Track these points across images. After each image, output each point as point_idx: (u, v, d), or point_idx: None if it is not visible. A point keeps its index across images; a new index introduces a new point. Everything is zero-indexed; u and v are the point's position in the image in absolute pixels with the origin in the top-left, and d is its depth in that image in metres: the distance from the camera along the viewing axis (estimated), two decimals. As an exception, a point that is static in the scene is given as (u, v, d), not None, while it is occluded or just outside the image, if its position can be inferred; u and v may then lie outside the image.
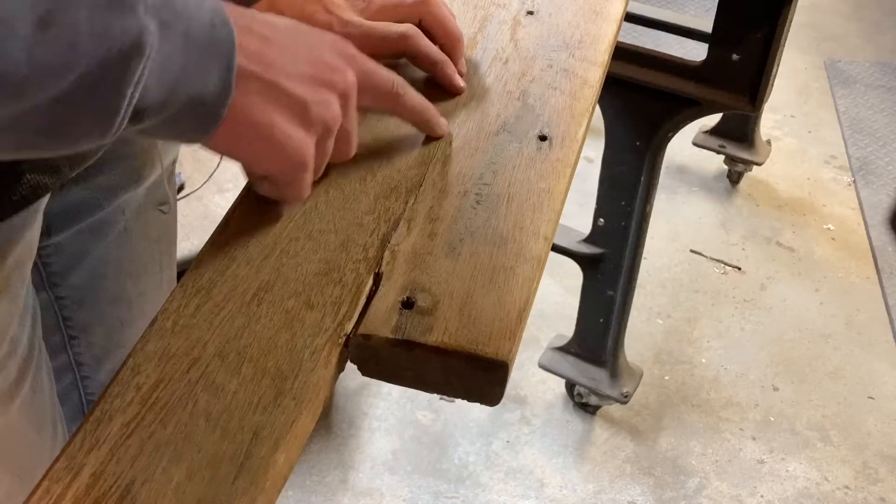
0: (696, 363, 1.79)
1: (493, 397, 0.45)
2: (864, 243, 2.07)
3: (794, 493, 1.56)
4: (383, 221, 0.50)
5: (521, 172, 0.55)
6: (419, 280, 0.46)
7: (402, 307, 0.45)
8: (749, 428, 1.67)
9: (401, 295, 0.45)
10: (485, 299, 0.46)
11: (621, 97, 1.23)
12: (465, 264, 0.48)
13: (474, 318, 0.45)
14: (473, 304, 0.46)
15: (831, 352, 1.82)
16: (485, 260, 0.48)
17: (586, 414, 1.68)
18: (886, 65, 2.69)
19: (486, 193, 0.52)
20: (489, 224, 0.50)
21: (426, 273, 0.47)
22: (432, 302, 0.45)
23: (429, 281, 0.46)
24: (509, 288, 0.47)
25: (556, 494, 1.56)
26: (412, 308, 0.45)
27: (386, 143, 0.57)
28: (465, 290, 0.46)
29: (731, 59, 1.11)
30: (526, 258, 0.49)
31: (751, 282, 1.97)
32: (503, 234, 0.50)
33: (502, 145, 0.56)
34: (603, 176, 1.33)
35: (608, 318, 1.49)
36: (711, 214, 2.15)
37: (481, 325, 0.45)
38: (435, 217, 0.51)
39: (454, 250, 0.48)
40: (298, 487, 1.55)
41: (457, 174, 0.54)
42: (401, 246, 0.49)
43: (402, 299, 0.45)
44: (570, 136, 0.58)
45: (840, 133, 2.42)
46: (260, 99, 0.45)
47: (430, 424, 1.66)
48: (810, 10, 2.93)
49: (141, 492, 0.37)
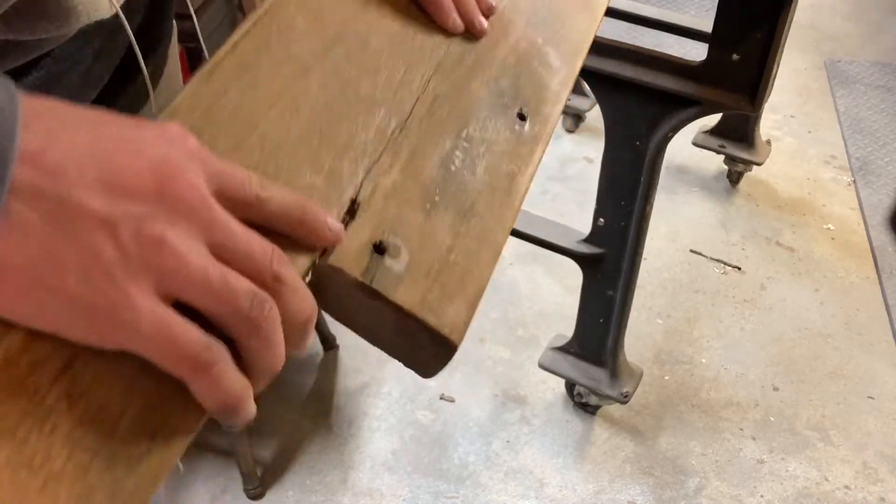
0: (696, 363, 1.79)
1: (430, 371, 0.44)
2: (864, 243, 2.07)
3: (794, 493, 1.56)
4: (370, 143, 0.46)
5: (498, 146, 0.51)
6: (394, 226, 0.43)
7: (374, 250, 0.42)
8: (749, 428, 1.67)
9: (375, 235, 0.42)
10: (450, 271, 0.44)
11: (621, 97, 1.23)
12: (436, 225, 0.45)
13: (438, 287, 0.43)
14: (439, 272, 0.43)
15: (831, 352, 1.82)
16: (454, 228, 0.46)
17: (586, 414, 1.68)
18: (886, 65, 2.69)
19: (465, 155, 0.49)
20: (463, 190, 0.47)
21: (401, 221, 0.44)
22: (402, 255, 0.43)
23: (402, 230, 0.43)
24: (470, 268, 0.45)
25: (555, 494, 1.56)
26: (383, 255, 0.42)
27: (361, 39, 0.50)
28: (432, 254, 0.44)
29: (731, 59, 1.11)
30: (490, 241, 0.47)
31: (751, 282, 1.97)
32: (473, 205, 0.47)
33: (487, 107, 0.52)
34: (603, 176, 1.33)
35: (608, 318, 1.49)
36: (711, 214, 2.15)
37: (443, 298, 0.43)
38: (418, 160, 0.47)
39: (427, 205, 0.45)
40: (298, 487, 1.56)
41: (445, 117, 0.50)
42: (381, 179, 0.45)
43: (376, 242, 0.42)
44: (546, 119, 0.55)
45: (840, 133, 2.42)
46: (44, 224, 0.30)
47: (430, 424, 1.66)
48: (810, 11, 2.93)
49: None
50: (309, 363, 1.78)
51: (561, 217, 2.08)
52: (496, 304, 1.90)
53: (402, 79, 0.49)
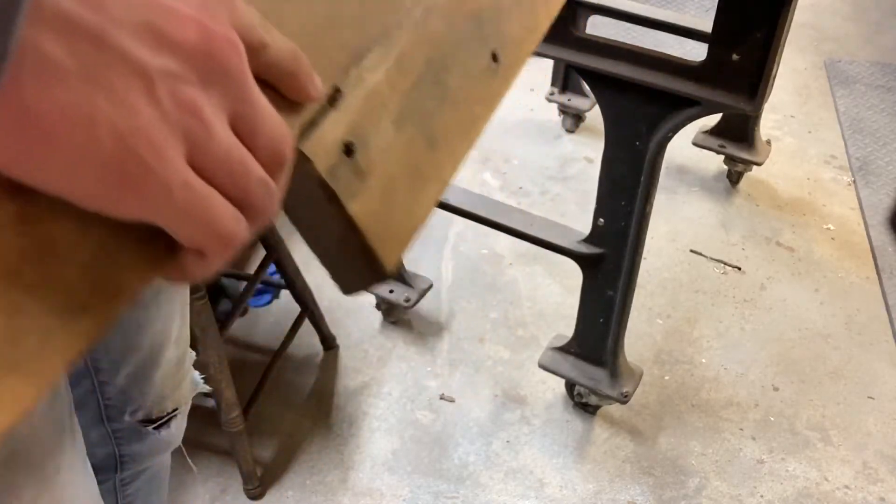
0: (696, 363, 1.79)
1: (351, 289, 0.43)
2: (864, 243, 2.07)
3: (794, 493, 1.56)
4: (367, 27, 0.43)
5: (470, 83, 0.49)
6: (367, 131, 0.41)
7: (344, 150, 0.39)
8: (749, 428, 1.67)
9: (347, 134, 0.40)
10: (402, 197, 0.42)
11: (621, 97, 1.23)
12: (402, 146, 0.43)
13: (388, 210, 0.41)
14: (394, 194, 0.42)
15: (831, 352, 1.82)
16: (416, 154, 0.44)
17: (586, 414, 1.68)
18: (886, 65, 2.69)
19: (440, 83, 0.47)
20: (433, 118, 0.46)
21: (375, 128, 0.41)
22: (366, 166, 0.41)
23: (372, 140, 0.41)
24: (418, 200, 0.44)
25: (555, 494, 1.56)
26: (350, 158, 0.40)
27: None
28: (392, 173, 0.42)
29: (731, 59, 1.10)
30: (440, 179, 0.46)
31: (751, 282, 1.97)
32: (436, 136, 0.46)
33: (466, 39, 0.50)
34: (603, 176, 1.33)
35: (608, 318, 1.49)
36: (711, 214, 2.15)
37: (390, 222, 0.42)
38: (402, 68, 0.44)
39: (399, 121, 0.43)
40: (298, 487, 1.56)
41: (432, 36, 0.47)
42: (367, 75, 0.42)
43: (348, 142, 0.40)
44: (515, 63, 0.54)
45: (840, 133, 2.42)
46: (76, 66, 0.26)
47: (430, 424, 1.66)
48: (810, 11, 2.93)
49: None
50: (309, 363, 1.78)
51: (561, 217, 2.08)
52: (496, 304, 1.90)
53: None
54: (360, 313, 1.87)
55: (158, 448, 0.93)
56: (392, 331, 1.84)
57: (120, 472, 0.92)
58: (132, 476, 0.94)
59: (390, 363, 1.77)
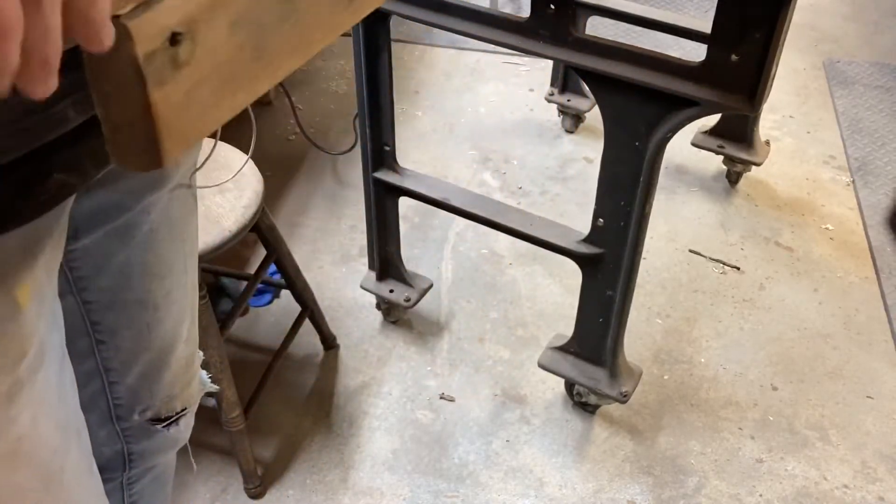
0: (696, 363, 1.79)
1: (122, 163, 0.42)
2: (863, 243, 2.08)
3: (793, 493, 1.57)
4: None
5: (318, 7, 0.48)
6: (198, 26, 0.40)
7: (169, 39, 0.39)
8: (748, 427, 1.67)
9: (180, 24, 0.39)
10: (207, 98, 0.42)
11: (621, 98, 1.23)
12: (229, 49, 0.42)
13: (188, 106, 0.41)
14: (200, 93, 0.41)
15: (830, 351, 1.82)
16: (239, 61, 0.43)
17: (586, 413, 1.69)
18: (885, 65, 2.70)
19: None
20: (270, 31, 0.45)
21: (208, 24, 0.41)
22: (185, 58, 0.40)
23: (203, 34, 0.40)
24: (221, 105, 0.43)
25: (555, 493, 1.56)
26: (173, 47, 0.39)
27: None
28: (207, 73, 0.41)
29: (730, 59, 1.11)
30: (252, 90, 0.45)
31: (750, 282, 1.98)
32: (266, 49, 0.45)
33: None
34: (602, 176, 1.34)
35: (607, 318, 1.49)
36: (710, 214, 2.16)
37: (185, 118, 0.41)
38: None
39: (235, 25, 0.42)
40: (299, 486, 1.56)
41: None
42: None
43: (177, 31, 0.39)
44: (371, 1, 0.53)
45: (839, 133, 2.43)
46: None
47: (430, 424, 1.67)
48: (809, 11, 2.93)
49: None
50: (309, 363, 1.78)
51: (561, 217, 2.08)
52: (496, 304, 1.90)
53: None
54: (360, 313, 1.88)
55: (167, 445, 0.93)
56: (392, 331, 1.84)
57: (128, 471, 0.92)
58: (139, 475, 0.94)
59: (390, 363, 1.78)
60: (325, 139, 2.34)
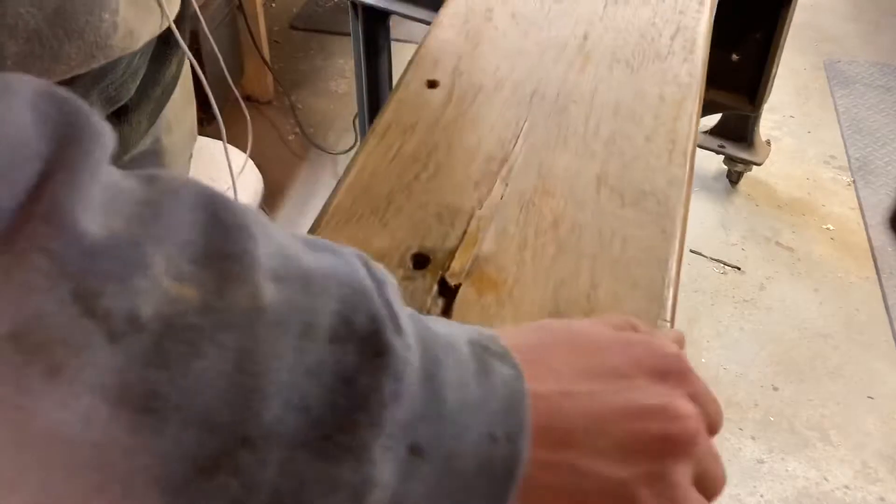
0: (696, 363, 1.79)
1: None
2: (864, 243, 2.08)
3: (794, 493, 1.56)
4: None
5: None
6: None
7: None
8: (749, 427, 1.67)
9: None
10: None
11: (621, 97, 1.23)
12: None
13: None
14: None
15: (831, 351, 1.82)
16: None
17: (586, 414, 1.68)
18: (885, 65, 2.70)
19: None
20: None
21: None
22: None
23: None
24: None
25: (556, 494, 1.56)
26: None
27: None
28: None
29: (731, 59, 1.11)
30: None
31: (750, 282, 1.98)
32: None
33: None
34: (603, 176, 1.34)
35: (608, 318, 1.49)
36: (711, 214, 2.16)
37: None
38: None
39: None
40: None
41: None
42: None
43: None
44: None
45: (839, 133, 2.42)
46: (558, 486, 0.31)
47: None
48: (809, 11, 2.93)
49: None
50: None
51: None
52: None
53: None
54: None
55: None
56: (392, 331, 1.84)
57: None
58: None
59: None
60: (325, 139, 2.34)
